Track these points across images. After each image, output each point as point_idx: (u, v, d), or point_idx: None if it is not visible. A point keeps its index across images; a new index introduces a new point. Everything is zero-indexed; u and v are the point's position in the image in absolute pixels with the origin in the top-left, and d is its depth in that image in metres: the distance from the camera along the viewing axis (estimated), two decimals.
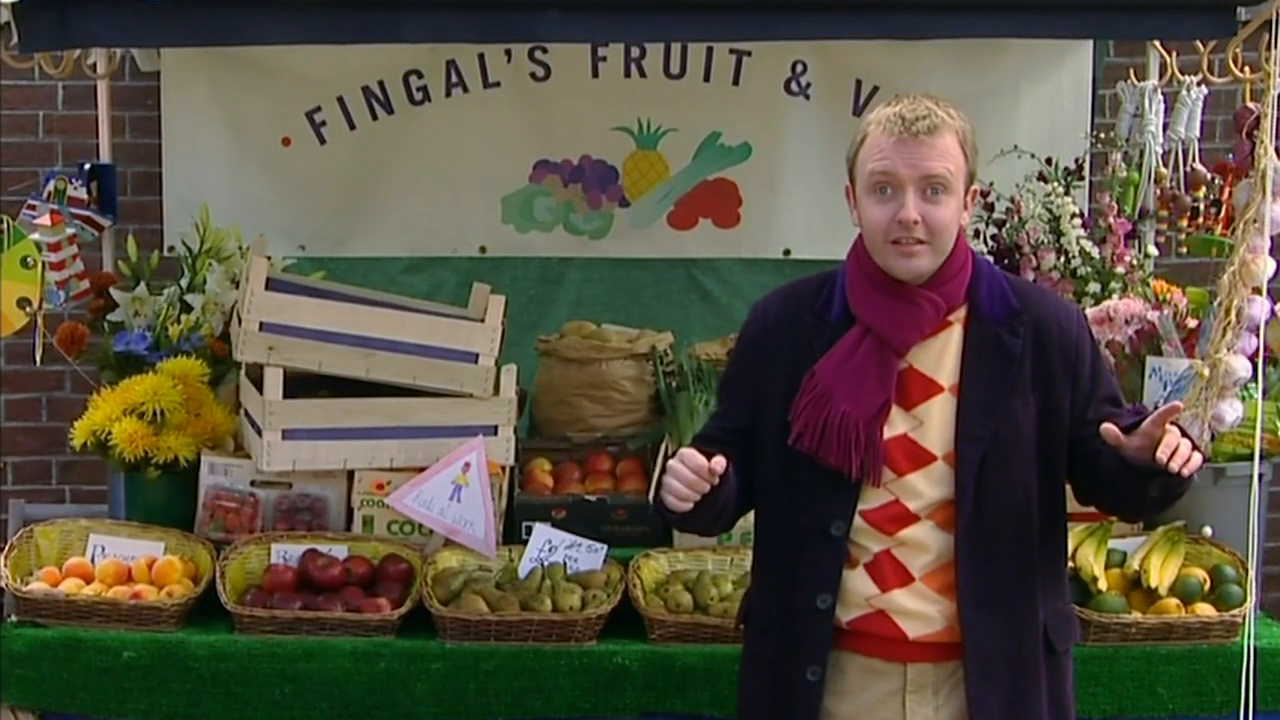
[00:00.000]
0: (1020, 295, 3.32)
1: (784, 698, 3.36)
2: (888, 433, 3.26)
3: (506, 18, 4.19)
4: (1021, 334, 3.27)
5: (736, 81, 5.75)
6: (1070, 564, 4.25)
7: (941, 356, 3.28)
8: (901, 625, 3.28)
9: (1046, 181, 4.98)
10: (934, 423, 3.26)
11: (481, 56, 5.73)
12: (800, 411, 3.28)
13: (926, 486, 3.26)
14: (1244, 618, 4.21)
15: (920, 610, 3.28)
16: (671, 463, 3.21)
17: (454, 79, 5.77)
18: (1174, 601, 4.25)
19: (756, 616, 3.50)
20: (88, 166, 5.39)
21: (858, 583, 3.29)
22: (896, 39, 4.58)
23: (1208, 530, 4.44)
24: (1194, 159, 5.08)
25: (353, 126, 5.80)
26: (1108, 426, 3.12)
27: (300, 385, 4.55)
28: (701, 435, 3.48)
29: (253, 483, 4.58)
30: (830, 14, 4.15)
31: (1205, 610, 4.25)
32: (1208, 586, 4.31)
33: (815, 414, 3.26)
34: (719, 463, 3.17)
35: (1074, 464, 3.34)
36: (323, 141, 5.80)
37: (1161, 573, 4.28)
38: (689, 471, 3.16)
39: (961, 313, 3.29)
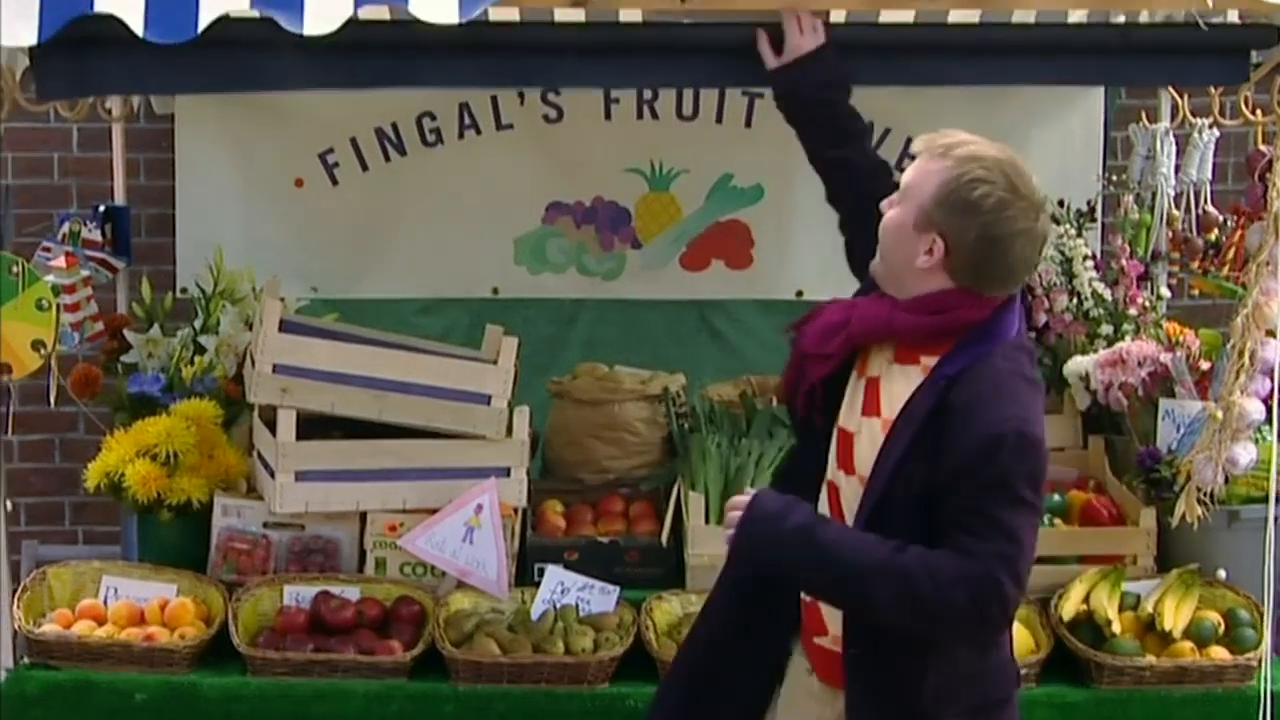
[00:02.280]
0: (963, 384, 3.16)
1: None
2: (845, 419, 3.32)
3: (521, 63, 4.20)
4: (938, 400, 3.17)
5: (749, 123, 5.76)
6: (1084, 607, 4.27)
7: (896, 387, 3.25)
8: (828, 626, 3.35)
9: (1059, 223, 4.98)
10: (864, 443, 3.27)
11: (495, 98, 5.75)
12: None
13: (851, 497, 3.28)
14: (1259, 661, 4.19)
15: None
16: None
17: (467, 121, 5.79)
18: (1188, 645, 4.24)
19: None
20: (102, 208, 5.41)
21: None
22: (911, 85, 4.59)
23: (1222, 573, 4.42)
24: (1206, 201, 5.08)
25: (365, 168, 5.82)
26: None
27: (313, 427, 4.55)
28: None
29: (265, 524, 4.58)
30: (846, 59, 4.16)
31: (1220, 654, 4.23)
32: (1222, 630, 4.29)
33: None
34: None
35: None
36: (335, 183, 5.83)
37: (1176, 616, 4.27)
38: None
39: (933, 361, 3.22)
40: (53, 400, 4.95)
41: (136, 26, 3.79)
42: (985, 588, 3.03)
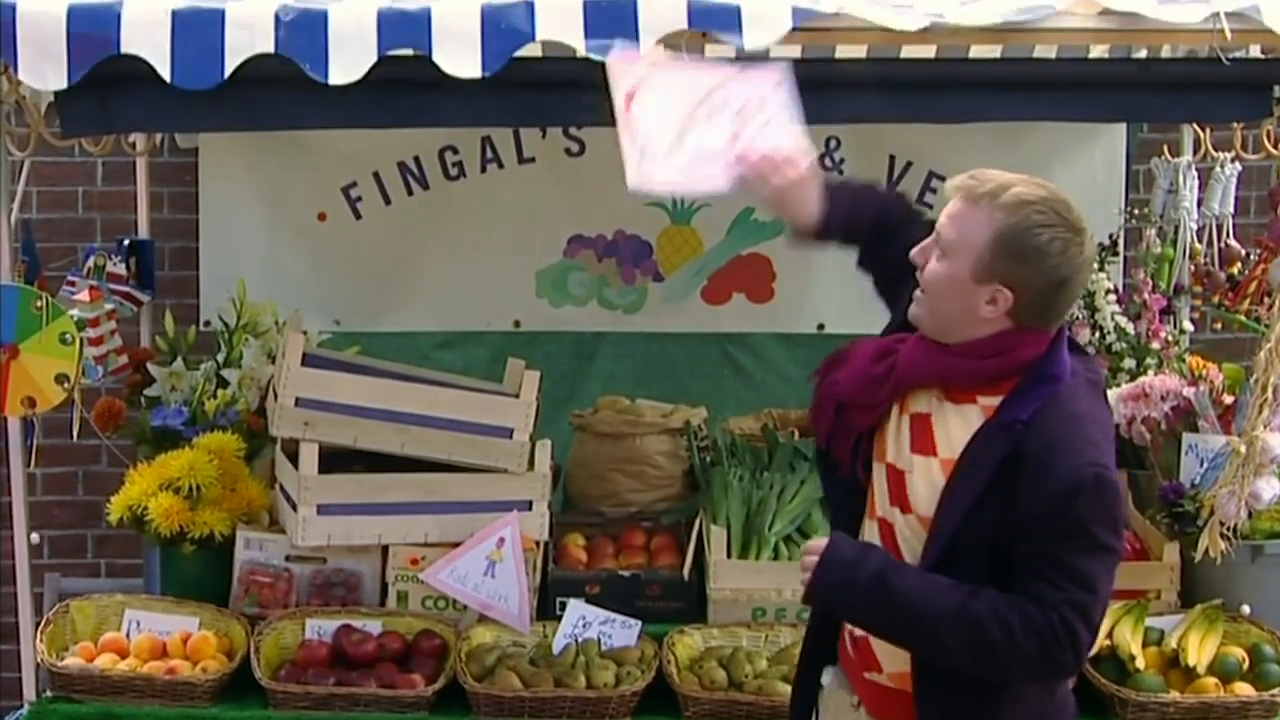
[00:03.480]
0: (1037, 430, 3.09)
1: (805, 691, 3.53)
2: (891, 455, 3.28)
3: (542, 101, 4.22)
4: (1009, 449, 3.12)
5: None
6: (1107, 642, 4.25)
7: (953, 426, 3.20)
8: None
9: None
10: (919, 481, 3.23)
11: (517, 132, 5.78)
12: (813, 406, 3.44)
13: (910, 536, 3.25)
14: None
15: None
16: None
17: (489, 155, 5.81)
18: (1213, 680, 4.21)
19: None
20: (126, 242, 5.44)
21: None
22: (934, 122, 4.59)
23: (1246, 609, 4.40)
24: (1228, 235, 5.08)
25: (388, 202, 5.84)
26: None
27: (335, 460, 4.56)
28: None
29: (288, 557, 4.59)
30: (868, 96, 4.17)
31: (1244, 689, 4.21)
32: (1246, 665, 4.27)
33: (818, 396, 3.39)
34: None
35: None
36: (358, 217, 5.85)
37: (1200, 651, 4.25)
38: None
39: (994, 401, 3.18)
40: (76, 433, 4.97)
41: (164, 71, 3.83)
42: (1058, 636, 3.01)
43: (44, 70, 3.89)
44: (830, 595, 3.21)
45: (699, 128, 3.51)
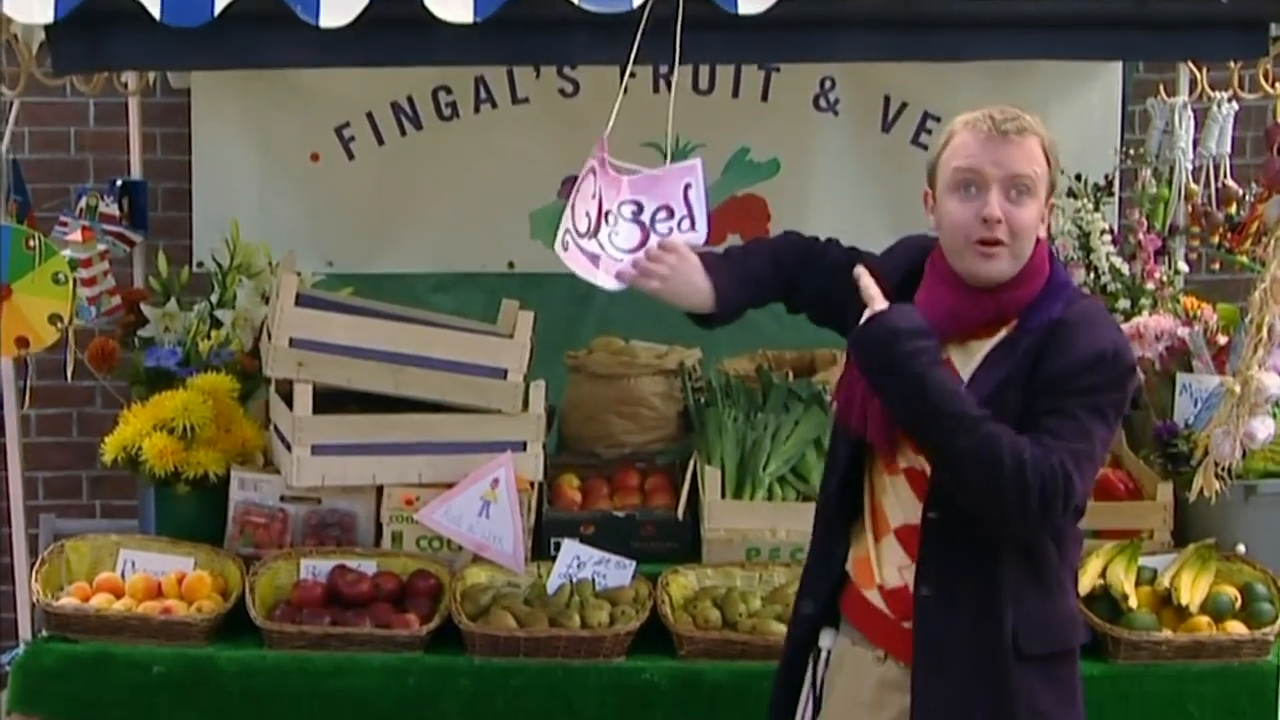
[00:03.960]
0: (1069, 312, 3.24)
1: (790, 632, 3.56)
2: None
3: (536, 40, 4.19)
4: (1043, 337, 3.21)
5: (765, 97, 5.76)
6: (1100, 581, 4.26)
7: (973, 358, 3.25)
8: (875, 571, 3.34)
9: (1076, 198, 4.97)
10: None
11: (510, 73, 5.75)
12: (840, 381, 3.39)
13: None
14: (1276, 635, 4.19)
15: (891, 560, 3.32)
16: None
17: (483, 95, 5.79)
18: (1205, 619, 4.23)
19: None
20: (119, 183, 5.42)
21: (862, 535, 3.39)
22: (927, 60, 4.57)
23: (1240, 547, 4.41)
24: (1225, 175, 5.07)
25: (381, 142, 5.82)
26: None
27: (329, 401, 4.55)
28: (802, 236, 3.67)
29: (282, 498, 4.59)
30: (861, 35, 4.14)
31: (1237, 628, 4.23)
32: (1239, 604, 4.29)
33: (849, 375, 3.33)
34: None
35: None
36: (351, 157, 5.83)
37: (1192, 590, 4.26)
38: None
39: (1015, 323, 3.25)
40: (70, 374, 4.96)
41: (153, 8, 3.80)
42: (1058, 479, 3.07)
43: (29, 4, 3.86)
44: (869, 349, 3.20)
45: (613, 226, 3.70)
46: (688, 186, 3.77)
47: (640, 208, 3.75)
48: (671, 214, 3.75)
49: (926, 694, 3.24)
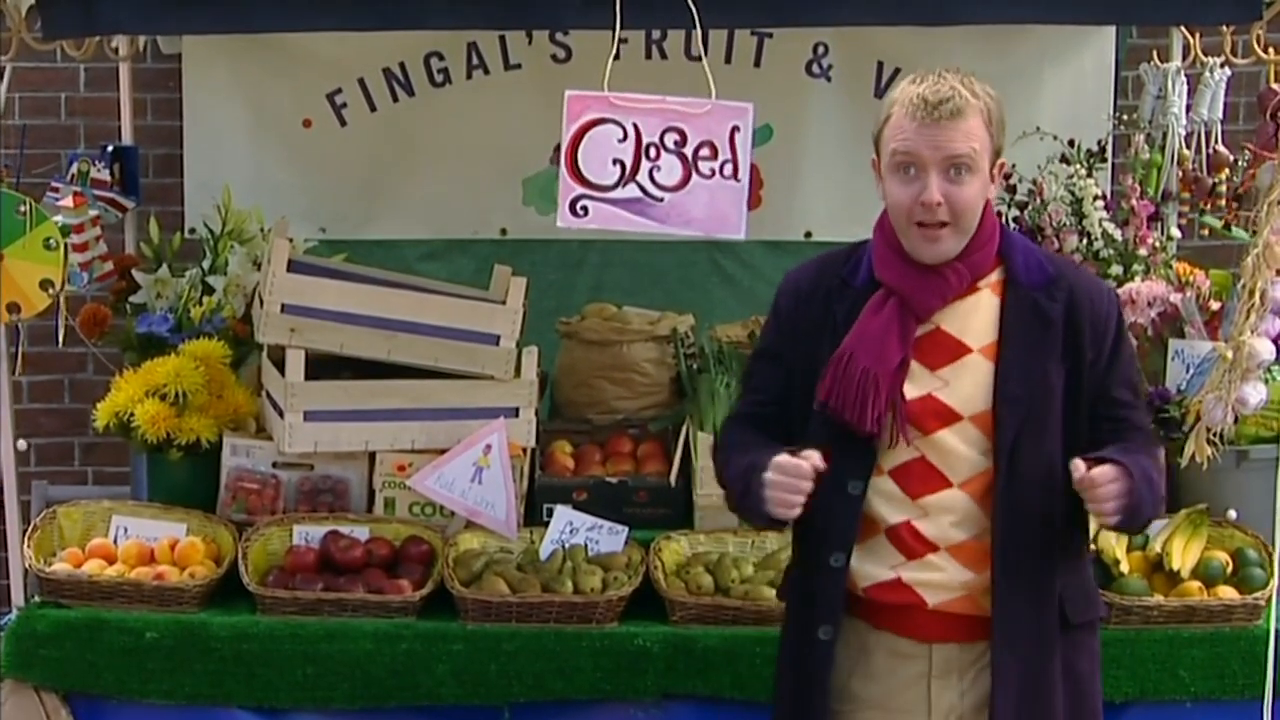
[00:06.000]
0: (1056, 264, 3.35)
1: (801, 658, 3.37)
2: (911, 392, 3.26)
3: (528, 5, 4.18)
4: (1059, 299, 3.27)
5: (758, 63, 5.73)
6: (1093, 546, 4.26)
7: (969, 319, 3.27)
8: (920, 592, 3.29)
9: (1069, 163, 4.96)
10: (962, 384, 3.26)
11: (503, 38, 5.73)
12: (825, 373, 3.29)
13: (959, 444, 3.26)
14: (1267, 600, 4.20)
15: (940, 580, 3.28)
16: (770, 476, 3.20)
17: (475, 61, 5.76)
18: (1196, 584, 4.25)
19: (790, 582, 3.51)
20: (110, 148, 5.39)
21: (879, 550, 3.30)
22: (919, 25, 4.56)
23: (1232, 513, 4.42)
24: (1217, 141, 5.06)
25: (373, 108, 5.80)
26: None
27: (322, 367, 4.55)
28: (738, 414, 3.52)
29: (275, 464, 4.59)
30: None
31: (1228, 593, 4.24)
32: (1230, 569, 4.30)
33: (837, 372, 3.26)
34: (817, 459, 3.18)
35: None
36: (343, 123, 5.81)
37: (1184, 555, 4.28)
38: (793, 479, 3.18)
39: (994, 278, 3.29)
40: (61, 340, 4.95)
41: None
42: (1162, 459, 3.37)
43: None
44: (1138, 512, 3.26)
45: (654, 161, 3.66)
46: (735, 129, 3.68)
47: (684, 139, 3.65)
48: (715, 154, 3.67)
49: (1003, 671, 3.25)
